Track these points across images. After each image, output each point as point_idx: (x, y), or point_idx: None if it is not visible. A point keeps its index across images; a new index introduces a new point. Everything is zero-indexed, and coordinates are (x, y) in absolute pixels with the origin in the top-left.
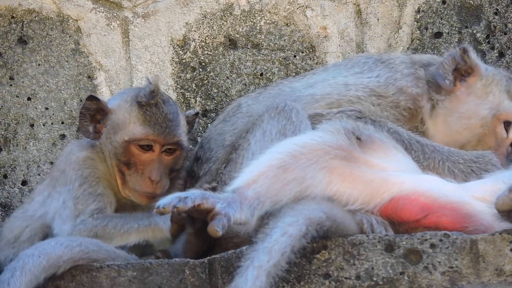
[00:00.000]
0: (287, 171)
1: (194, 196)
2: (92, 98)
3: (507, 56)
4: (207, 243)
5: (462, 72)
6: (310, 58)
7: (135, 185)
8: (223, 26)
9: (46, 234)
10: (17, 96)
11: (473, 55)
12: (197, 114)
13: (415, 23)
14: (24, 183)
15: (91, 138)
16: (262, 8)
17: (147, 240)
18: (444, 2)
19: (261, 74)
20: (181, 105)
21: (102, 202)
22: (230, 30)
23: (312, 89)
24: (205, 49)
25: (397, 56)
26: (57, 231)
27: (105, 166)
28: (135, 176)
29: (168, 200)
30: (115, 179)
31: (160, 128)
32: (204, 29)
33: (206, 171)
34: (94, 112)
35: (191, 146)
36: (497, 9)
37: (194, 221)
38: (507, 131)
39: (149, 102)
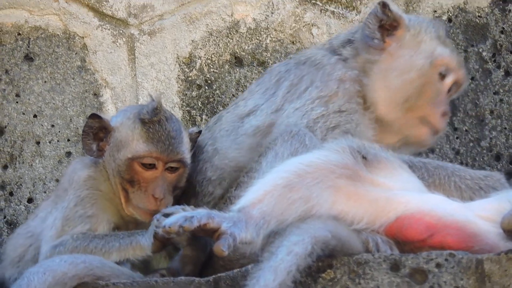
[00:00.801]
0: (293, 190)
1: (200, 215)
2: (95, 116)
3: None
4: (204, 254)
5: (387, 27)
6: None
7: (139, 203)
8: (229, 44)
9: None
10: (23, 113)
11: (395, 8)
12: (200, 132)
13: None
14: (30, 200)
15: (94, 156)
16: (268, 26)
17: (129, 258)
18: (450, 21)
19: None
20: (187, 123)
21: (90, 224)
22: (236, 48)
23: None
24: (211, 66)
25: (315, 52)
26: (41, 251)
27: (107, 185)
28: (138, 194)
29: (174, 220)
30: (118, 197)
31: (163, 146)
32: (210, 46)
33: (206, 193)
34: (97, 130)
35: None
36: (503, 28)
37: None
38: (442, 78)
39: (152, 120)
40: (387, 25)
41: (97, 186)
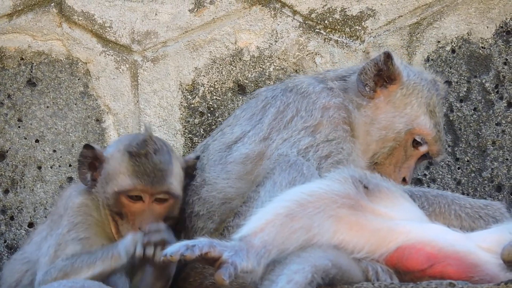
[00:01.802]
0: (294, 219)
1: (201, 244)
2: (88, 147)
3: None
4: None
5: (385, 78)
6: None
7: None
8: (232, 72)
9: None
10: (25, 138)
11: (397, 62)
12: (198, 157)
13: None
14: (30, 225)
15: (88, 185)
16: (272, 54)
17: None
18: (453, 51)
19: None
20: (189, 150)
21: (81, 246)
22: (239, 75)
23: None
24: (214, 94)
25: (302, 79)
26: (37, 277)
27: (100, 212)
28: (126, 226)
29: (176, 249)
30: (109, 226)
31: (148, 179)
32: (213, 74)
33: (196, 228)
34: (92, 160)
35: None
36: (506, 59)
37: None
38: (416, 146)
39: (139, 152)
40: (385, 76)
41: (90, 213)
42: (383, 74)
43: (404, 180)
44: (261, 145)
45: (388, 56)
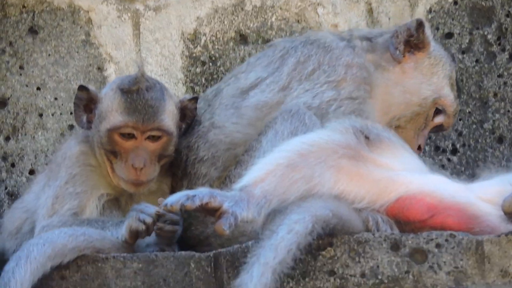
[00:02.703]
0: (295, 169)
1: (202, 194)
2: (82, 88)
3: None
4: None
5: (412, 45)
6: None
7: (121, 173)
8: (234, 21)
9: None
10: (27, 86)
11: (428, 31)
12: (195, 98)
13: (427, 23)
14: (31, 172)
15: (84, 128)
16: (274, 4)
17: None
18: (456, 3)
19: None
20: None
21: (79, 200)
22: (241, 25)
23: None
24: (216, 43)
25: (326, 35)
26: (36, 230)
27: (98, 159)
28: (120, 164)
29: (176, 198)
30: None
31: (139, 115)
32: (215, 23)
33: (199, 175)
34: (86, 102)
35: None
36: (509, 11)
37: None
38: (436, 116)
39: (130, 89)
40: (413, 43)
41: (89, 162)
42: (413, 40)
43: (419, 148)
44: (280, 94)
45: (420, 24)
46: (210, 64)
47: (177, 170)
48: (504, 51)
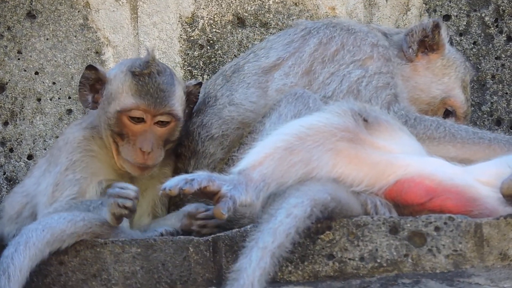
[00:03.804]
0: (293, 153)
1: (200, 178)
2: (91, 68)
3: None
4: None
5: (427, 45)
6: None
7: (127, 156)
8: (231, 4)
9: None
10: (25, 70)
11: (444, 33)
12: (200, 83)
13: (424, 5)
14: (30, 157)
15: (89, 107)
16: None
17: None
18: None
19: None
20: None
21: (79, 186)
22: (238, 8)
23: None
24: (213, 27)
25: (347, 20)
26: (37, 217)
27: (102, 143)
28: (127, 147)
29: (175, 182)
30: (111, 153)
31: (151, 99)
32: (212, 7)
33: (207, 153)
34: (93, 82)
35: None
36: None
37: None
38: (445, 117)
39: (142, 72)
40: (428, 44)
41: (90, 148)
42: (427, 41)
43: None
44: (304, 79)
45: (436, 25)
46: (208, 47)
47: (186, 149)
48: (501, 33)
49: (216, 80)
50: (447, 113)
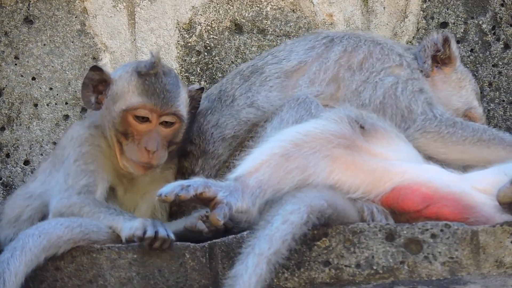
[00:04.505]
0: (290, 159)
1: (196, 184)
2: (96, 68)
3: None
4: None
5: (439, 60)
6: None
7: (132, 155)
8: (229, 11)
9: (45, 214)
10: (22, 76)
11: (454, 46)
12: (202, 89)
13: (421, 12)
14: (26, 162)
15: (92, 108)
16: None
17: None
18: None
19: None
20: None
21: (93, 178)
22: (236, 14)
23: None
24: (211, 33)
25: (368, 32)
26: (50, 207)
27: (105, 143)
28: (131, 146)
29: (171, 188)
30: (115, 154)
31: (157, 99)
32: (210, 13)
33: (215, 154)
34: (97, 83)
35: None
36: (503, 1)
37: None
38: None
39: (148, 72)
40: (439, 58)
41: (98, 143)
42: (440, 55)
43: None
44: (331, 86)
45: (446, 39)
46: (206, 53)
47: (196, 148)
48: (499, 40)
49: (234, 79)
50: None
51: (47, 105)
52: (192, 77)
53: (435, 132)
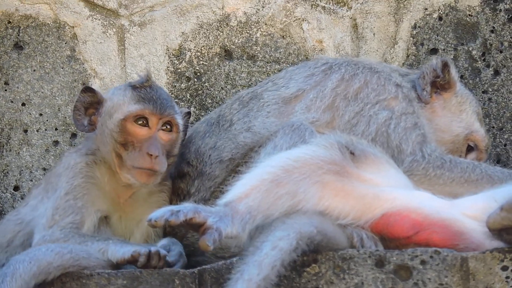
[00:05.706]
0: (280, 185)
1: (186, 209)
2: (87, 89)
3: (502, 74)
4: None
5: (439, 85)
6: None
7: (134, 162)
8: (219, 37)
9: None
10: (12, 101)
11: (453, 71)
12: (189, 113)
13: (411, 38)
14: (16, 188)
15: (86, 130)
16: (259, 20)
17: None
18: (440, 19)
19: None
20: None
21: (80, 216)
22: (226, 41)
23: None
24: (201, 59)
25: (367, 59)
26: (34, 241)
27: (100, 171)
28: (133, 154)
29: (161, 214)
30: (110, 180)
31: (155, 104)
32: (200, 39)
33: (212, 176)
34: (88, 105)
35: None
36: (493, 27)
37: None
38: (468, 152)
39: (142, 85)
40: (439, 84)
41: (92, 174)
42: (439, 81)
43: None
44: (326, 114)
45: (445, 65)
46: (195, 79)
47: (193, 170)
48: (488, 67)
49: (233, 104)
50: (469, 149)
51: (37, 131)
52: (182, 103)
53: (422, 174)
